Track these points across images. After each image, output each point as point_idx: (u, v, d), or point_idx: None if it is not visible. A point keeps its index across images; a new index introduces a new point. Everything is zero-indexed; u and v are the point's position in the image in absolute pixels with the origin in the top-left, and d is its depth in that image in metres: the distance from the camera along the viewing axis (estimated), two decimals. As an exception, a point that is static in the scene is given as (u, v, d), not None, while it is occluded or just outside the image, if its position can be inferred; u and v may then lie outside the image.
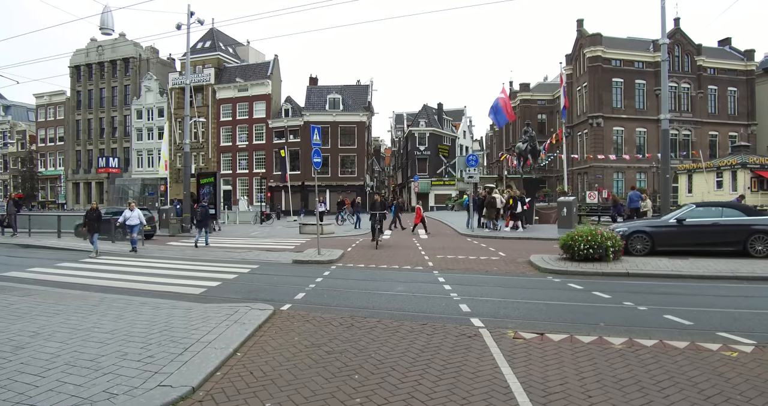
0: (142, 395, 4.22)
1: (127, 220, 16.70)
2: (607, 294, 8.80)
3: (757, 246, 13.22)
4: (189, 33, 26.02)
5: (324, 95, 57.08)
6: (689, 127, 52.99)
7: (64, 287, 10.10)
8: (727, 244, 13.57)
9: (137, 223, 16.78)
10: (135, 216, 16.74)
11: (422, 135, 66.16)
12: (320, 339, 6.11)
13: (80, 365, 4.94)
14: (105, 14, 20.76)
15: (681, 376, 4.75)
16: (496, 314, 7.48)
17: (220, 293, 9.44)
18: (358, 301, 8.73)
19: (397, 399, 4.29)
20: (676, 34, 51.34)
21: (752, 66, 55.07)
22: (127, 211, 17.02)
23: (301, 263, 13.70)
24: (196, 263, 13.96)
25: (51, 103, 67.98)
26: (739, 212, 14.17)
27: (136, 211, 16.96)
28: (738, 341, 5.92)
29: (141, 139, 61.33)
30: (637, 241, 13.90)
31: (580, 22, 56.09)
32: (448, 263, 13.29)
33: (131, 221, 16.69)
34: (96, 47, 63.56)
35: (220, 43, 60.16)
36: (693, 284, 9.94)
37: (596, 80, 52.02)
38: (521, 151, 34.60)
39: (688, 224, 13.79)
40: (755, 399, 4.21)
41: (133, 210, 16.88)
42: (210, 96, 58.19)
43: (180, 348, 5.49)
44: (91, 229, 16.02)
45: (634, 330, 6.46)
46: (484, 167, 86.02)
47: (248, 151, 57.49)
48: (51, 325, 6.54)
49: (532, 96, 69.00)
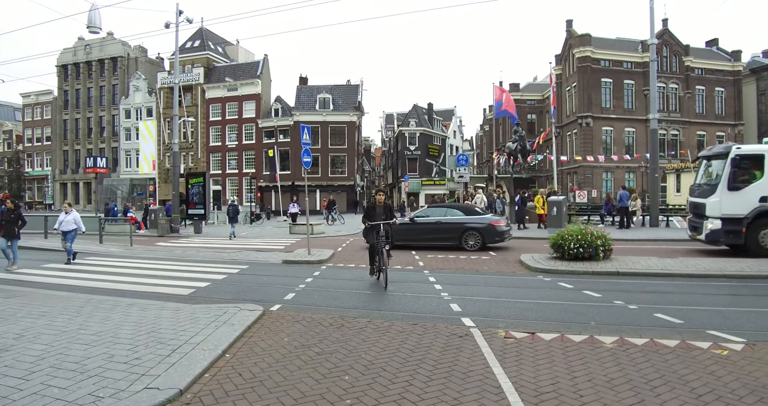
0: (128, 397, 4.15)
1: (61, 225, 14.03)
2: (598, 293, 8.81)
3: (469, 241, 15.69)
4: (178, 32, 25.86)
5: (314, 95, 56.92)
6: (677, 127, 53.39)
7: (50, 288, 9.97)
8: (448, 239, 15.95)
9: (73, 228, 14.06)
10: (70, 220, 14.04)
11: (412, 135, 66.15)
12: (310, 340, 6.05)
13: (66, 368, 4.85)
14: (92, 12, 20.53)
15: (672, 374, 4.74)
16: (487, 314, 7.46)
17: (209, 294, 9.36)
18: (348, 301, 8.68)
19: (387, 400, 4.25)
20: (664, 34, 51.71)
21: (739, 67, 55.56)
22: (61, 214, 14.39)
23: (290, 263, 13.63)
24: (185, 263, 13.84)
25: (38, 103, 67.28)
26: (459, 212, 16.74)
27: (73, 214, 14.27)
28: (728, 339, 5.93)
29: (129, 139, 60.77)
30: None
31: (569, 23, 56.34)
32: (439, 262, 13.27)
33: (65, 226, 13.99)
34: (84, 46, 63.07)
35: (209, 43, 59.82)
36: (682, 283, 9.98)
37: (585, 80, 52.28)
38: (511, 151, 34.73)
39: (418, 222, 16.05)
40: (746, 397, 4.21)
41: (68, 213, 14.18)
42: (199, 95, 57.86)
43: (168, 350, 5.41)
44: (7, 234, 12.73)
45: (625, 329, 6.47)
46: (474, 167, 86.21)
47: (238, 151, 57.22)
48: (36, 327, 6.44)
49: (521, 96, 69.20)
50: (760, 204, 12.69)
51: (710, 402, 4.13)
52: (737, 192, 12.92)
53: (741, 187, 12.93)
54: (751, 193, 12.81)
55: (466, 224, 15.86)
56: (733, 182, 12.96)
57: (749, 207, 12.75)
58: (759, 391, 4.34)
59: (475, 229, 15.71)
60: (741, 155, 13.10)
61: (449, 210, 17.14)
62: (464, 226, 15.86)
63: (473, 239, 15.65)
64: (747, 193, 12.84)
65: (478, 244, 15.60)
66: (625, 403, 4.14)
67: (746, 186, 12.93)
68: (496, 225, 15.84)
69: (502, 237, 15.93)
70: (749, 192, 12.84)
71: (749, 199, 12.79)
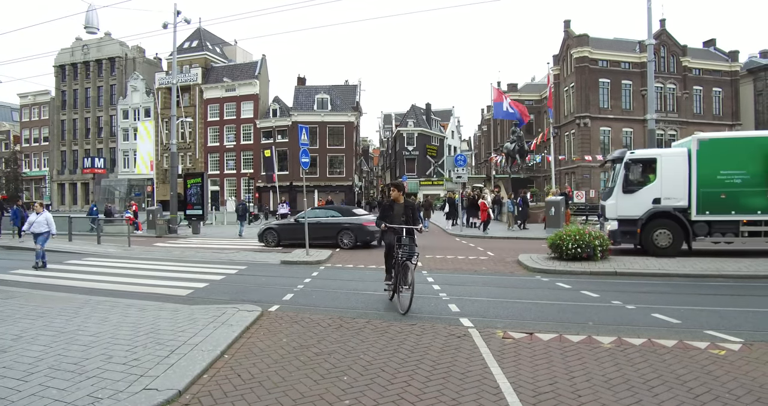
0: (126, 399, 4.14)
1: (32, 226, 13.08)
2: (596, 293, 8.83)
3: (343, 239, 17.20)
4: (175, 32, 25.82)
5: (312, 95, 56.82)
6: (675, 127, 53.41)
7: (48, 289, 9.94)
8: (326, 237, 17.22)
9: (45, 230, 13.07)
10: (42, 222, 13.07)
11: (410, 135, 66.22)
12: (309, 340, 6.06)
13: (64, 369, 4.85)
14: (90, 13, 20.52)
15: (670, 374, 4.75)
16: (486, 314, 7.47)
17: (207, 295, 9.35)
18: (346, 301, 8.68)
19: (386, 400, 4.25)
20: (662, 35, 51.75)
21: (736, 67, 55.62)
22: (32, 214, 13.42)
23: (289, 263, 13.63)
24: (183, 264, 13.83)
25: (35, 103, 67.08)
26: (337, 213, 18.40)
27: (44, 214, 13.28)
28: (725, 339, 5.95)
29: (127, 140, 60.67)
30: (269, 235, 18.35)
31: (567, 23, 56.33)
32: (437, 262, 13.29)
33: (36, 227, 13.02)
34: (81, 46, 62.89)
35: (207, 43, 59.71)
36: (679, 283, 10.02)
37: (583, 81, 52.28)
38: (509, 152, 34.74)
39: (301, 222, 16.44)
40: (743, 397, 4.22)
41: (40, 213, 13.17)
42: (197, 96, 57.74)
43: (166, 351, 5.41)
44: None
45: (623, 329, 6.48)
46: (473, 167, 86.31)
47: (236, 152, 57.10)
48: (34, 328, 6.43)
49: (519, 96, 68.94)
50: (653, 206, 13.44)
51: (708, 402, 4.14)
52: (632, 195, 13.67)
53: (635, 190, 13.68)
54: (644, 196, 13.55)
55: (342, 224, 17.41)
56: (627, 185, 13.75)
57: (643, 209, 13.47)
58: (756, 391, 4.35)
59: (349, 228, 17.29)
60: (633, 160, 13.99)
61: (329, 211, 18.98)
62: (340, 225, 17.43)
63: (348, 237, 17.23)
64: (641, 196, 13.57)
65: (352, 242, 17.18)
66: (623, 403, 4.15)
67: (640, 189, 13.66)
68: (367, 225, 17.11)
69: (372, 237, 17.34)
70: (643, 194, 13.58)
71: (643, 201, 13.53)
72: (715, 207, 13.08)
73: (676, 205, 13.31)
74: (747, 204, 12.92)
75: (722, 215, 13.08)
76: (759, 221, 12.92)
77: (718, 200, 13.04)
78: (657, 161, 13.60)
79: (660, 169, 13.49)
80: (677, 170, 13.36)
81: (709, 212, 13.12)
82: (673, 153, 14.03)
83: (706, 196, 13.10)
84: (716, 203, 13.05)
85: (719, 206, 13.05)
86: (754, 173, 12.85)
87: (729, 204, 13.00)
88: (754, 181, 12.85)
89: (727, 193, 12.98)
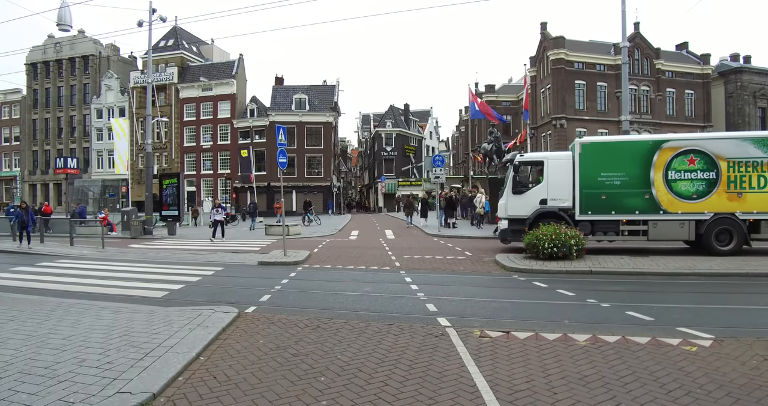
0: (99, 402, 4.07)
1: None
2: (571, 292, 8.93)
3: None
4: (151, 30, 25.45)
5: (290, 95, 56.50)
6: (649, 128, 54.29)
7: (19, 292, 9.69)
8: None
9: None
10: None
11: (389, 136, 66.24)
12: (286, 341, 6.02)
13: (35, 373, 4.74)
14: (63, 9, 20.02)
15: (643, 371, 4.83)
16: (463, 313, 7.51)
17: (183, 296, 9.24)
18: (324, 302, 8.65)
19: (363, 400, 4.24)
20: (636, 38, 52.58)
21: (708, 70, 56.83)
22: None
23: (266, 264, 13.53)
24: (159, 265, 13.63)
25: (6, 102, 65.55)
26: None
27: None
28: (697, 335, 6.06)
29: (101, 140, 59.57)
30: None
31: (543, 25, 56.94)
32: (415, 262, 13.31)
33: None
34: (54, 44, 61.66)
35: (183, 42, 58.97)
36: (653, 281, 10.18)
37: (559, 82, 52.89)
38: (486, 152, 34.93)
39: None
40: (714, 392, 4.30)
41: None
42: (173, 95, 57.01)
43: (140, 353, 5.33)
44: None
45: (598, 327, 6.56)
46: (451, 168, 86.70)
47: (213, 152, 56.51)
48: (4, 332, 6.28)
49: (497, 97, 69.60)
50: (540, 206, 14.13)
51: (680, 397, 4.22)
52: (521, 195, 14.39)
53: (524, 191, 14.41)
54: (532, 196, 14.26)
55: None
56: (516, 186, 14.48)
57: (531, 209, 14.18)
58: (726, 386, 4.44)
59: None
60: (522, 162, 14.75)
61: None
62: None
63: None
64: (529, 196, 14.28)
65: None
66: (598, 399, 4.20)
67: (528, 190, 14.37)
68: None
69: None
70: (531, 195, 14.29)
71: (531, 201, 14.24)
72: (596, 207, 13.70)
73: (562, 205, 13.97)
74: (626, 205, 13.55)
75: (603, 214, 13.70)
76: (637, 220, 13.53)
77: (599, 201, 13.67)
78: (544, 164, 14.32)
79: (546, 172, 14.19)
80: (563, 172, 14.03)
81: (591, 212, 13.75)
82: (559, 156, 14.82)
83: (588, 197, 13.73)
84: (597, 204, 13.68)
85: (600, 206, 13.67)
86: (632, 175, 13.49)
87: (609, 205, 13.62)
88: (632, 183, 13.49)
89: (607, 194, 13.60)
